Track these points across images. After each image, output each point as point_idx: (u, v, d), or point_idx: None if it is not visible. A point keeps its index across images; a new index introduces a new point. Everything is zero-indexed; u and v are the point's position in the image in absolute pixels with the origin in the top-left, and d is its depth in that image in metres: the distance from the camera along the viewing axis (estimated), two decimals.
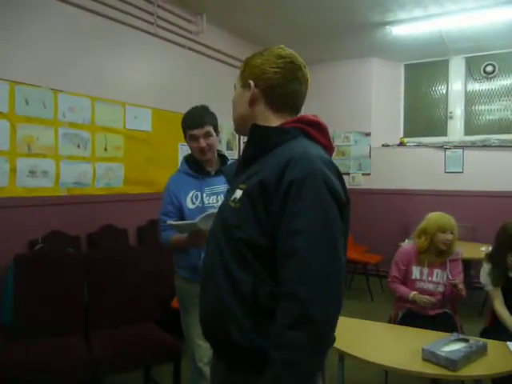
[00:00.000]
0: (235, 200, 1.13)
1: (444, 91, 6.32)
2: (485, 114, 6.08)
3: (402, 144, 6.37)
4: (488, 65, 5.93)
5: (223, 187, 2.15)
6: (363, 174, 6.56)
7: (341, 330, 1.04)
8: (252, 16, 4.88)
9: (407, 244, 3.06)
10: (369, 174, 6.52)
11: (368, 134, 6.50)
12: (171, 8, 4.52)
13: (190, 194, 2.21)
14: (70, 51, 3.60)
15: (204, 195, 2.20)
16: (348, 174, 6.64)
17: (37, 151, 3.36)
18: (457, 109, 6.20)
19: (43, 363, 2.36)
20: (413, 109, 6.59)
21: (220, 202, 2.10)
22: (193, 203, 2.20)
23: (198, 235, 2.00)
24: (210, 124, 2.19)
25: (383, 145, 6.45)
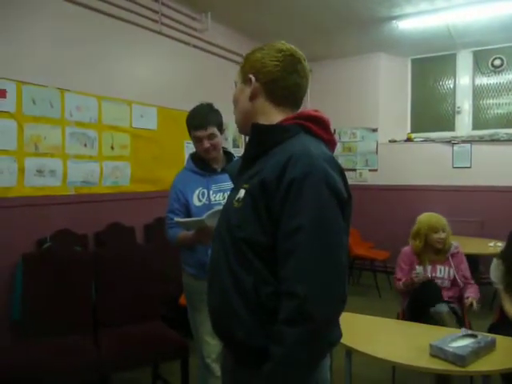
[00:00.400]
0: (239, 200, 1.13)
1: (451, 85, 6.27)
2: (493, 108, 6.02)
3: (410, 139, 6.33)
4: (496, 58, 5.88)
5: (230, 184, 2.13)
6: (370, 170, 6.53)
7: (348, 326, 1.03)
8: (257, 13, 4.87)
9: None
10: (376, 170, 6.49)
11: (375, 130, 6.47)
12: (176, 6, 4.52)
13: (197, 192, 2.22)
14: (76, 51, 3.61)
15: (211, 192, 2.21)
16: (355, 170, 6.62)
17: (44, 151, 3.38)
18: (464, 103, 6.15)
19: (52, 361, 2.38)
20: (420, 104, 6.54)
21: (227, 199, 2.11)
22: (199, 200, 2.21)
23: (205, 232, 2.01)
24: (214, 124, 2.18)
25: (390, 140, 6.41)
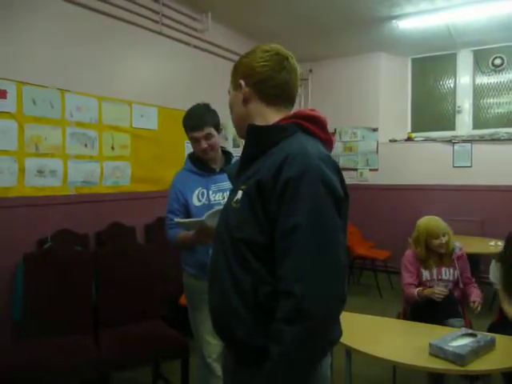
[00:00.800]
0: (237, 201, 1.14)
1: (452, 85, 6.27)
2: (493, 108, 6.02)
3: (410, 139, 6.33)
4: (496, 58, 5.87)
5: (229, 184, 2.14)
6: (371, 170, 6.53)
7: (348, 326, 1.03)
8: (257, 13, 4.87)
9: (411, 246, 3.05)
10: (376, 170, 6.49)
11: (375, 130, 6.47)
12: (176, 6, 4.53)
13: (196, 192, 2.22)
14: (77, 51, 3.62)
15: (210, 192, 2.21)
16: (355, 170, 6.62)
17: (45, 151, 3.39)
18: (465, 102, 6.15)
19: (52, 361, 2.38)
20: (420, 103, 6.54)
21: (226, 199, 2.12)
22: (199, 200, 2.21)
23: (205, 232, 2.00)
24: (211, 125, 2.17)
25: (391, 140, 6.41)
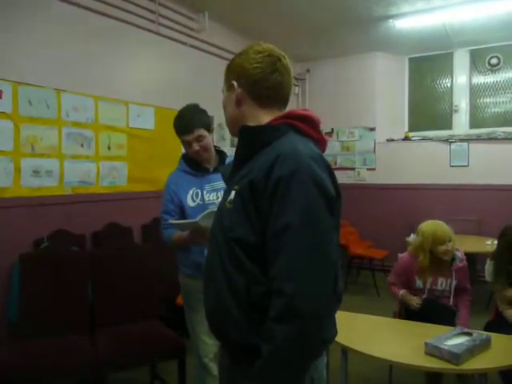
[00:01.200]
0: (230, 201, 1.14)
1: (449, 84, 6.28)
2: (490, 107, 6.03)
3: (407, 138, 6.34)
4: (493, 57, 5.89)
5: (223, 183, 2.15)
6: (368, 169, 6.54)
7: (344, 325, 1.03)
8: (254, 13, 4.87)
9: (410, 243, 3.00)
10: (374, 169, 6.50)
11: (372, 129, 6.47)
12: (173, 6, 4.52)
13: (191, 192, 2.22)
14: (73, 51, 3.61)
15: (204, 192, 2.21)
16: (353, 169, 6.63)
17: (41, 151, 3.38)
18: (462, 102, 6.16)
19: (48, 361, 2.38)
20: (417, 103, 6.55)
21: (220, 199, 2.12)
22: (193, 201, 2.21)
23: (200, 233, 2.01)
24: (201, 126, 2.15)
25: (388, 139, 6.42)
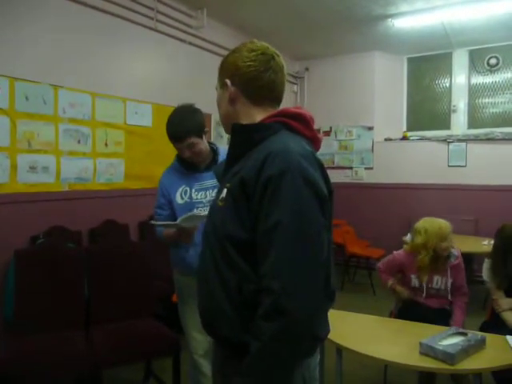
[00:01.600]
0: (222, 199, 1.15)
1: (447, 84, 6.28)
2: (488, 107, 6.03)
3: (405, 138, 6.34)
4: (492, 57, 5.89)
5: (212, 182, 2.18)
6: (366, 169, 6.53)
7: (339, 324, 1.03)
8: (253, 10, 4.85)
9: (407, 242, 3.01)
10: (371, 169, 6.49)
11: (371, 128, 6.47)
12: (171, 3, 4.50)
13: (180, 190, 2.23)
14: (70, 47, 3.60)
15: (193, 191, 2.22)
16: (351, 168, 6.62)
17: (37, 147, 3.37)
18: (460, 102, 6.16)
19: (44, 358, 2.37)
20: (416, 102, 6.55)
21: (209, 198, 2.16)
22: (182, 198, 2.22)
23: (184, 233, 2.07)
24: (191, 133, 2.10)
25: (386, 139, 6.42)
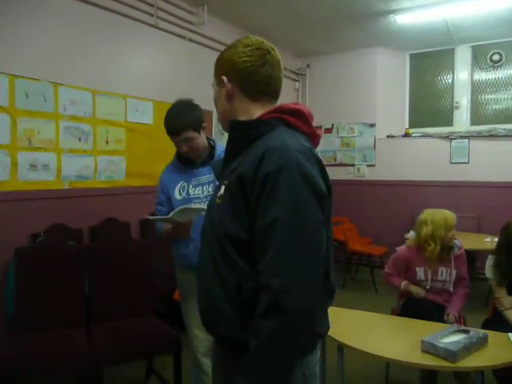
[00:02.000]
0: (220, 196, 1.14)
1: (450, 81, 6.24)
2: (491, 104, 6.00)
3: (407, 135, 6.31)
4: (495, 53, 5.85)
5: (208, 177, 2.19)
6: (368, 166, 6.51)
7: (341, 322, 1.01)
8: (254, 7, 4.83)
9: (408, 239, 2.99)
10: (373, 166, 6.47)
11: (373, 125, 6.44)
12: None
13: (179, 186, 2.24)
14: (70, 44, 3.58)
15: (190, 186, 2.22)
16: (353, 166, 6.60)
17: (38, 145, 3.37)
18: (463, 98, 6.13)
19: (45, 355, 2.37)
20: (418, 99, 6.51)
21: (205, 193, 2.16)
22: (180, 194, 2.23)
23: (181, 227, 2.08)
24: (188, 127, 2.10)
25: (388, 136, 6.39)
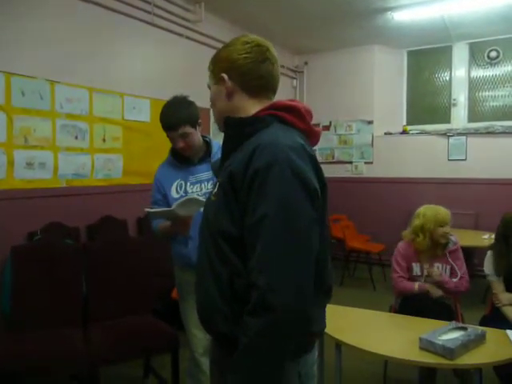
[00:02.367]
0: (215, 194, 1.15)
1: (447, 78, 6.24)
2: (489, 101, 6.00)
3: (405, 132, 6.31)
4: (492, 50, 5.85)
5: (207, 174, 2.17)
6: (366, 163, 6.51)
7: (338, 319, 1.01)
8: (251, 4, 4.81)
9: (404, 238, 3.01)
10: (371, 163, 6.47)
11: (370, 122, 6.44)
12: None
13: (175, 184, 2.21)
14: (67, 42, 3.56)
15: (188, 184, 2.20)
16: (351, 163, 6.60)
17: (34, 143, 3.35)
18: (460, 95, 6.12)
19: (41, 354, 2.36)
20: (416, 96, 6.52)
21: (204, 190, 2.14)
22: (177, 192, 2.20)
23: (180, 222, 2.04)
24: (186, 123, 2.09)
25: (386, 133, 6.39)
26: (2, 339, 2.59)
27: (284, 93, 6.41)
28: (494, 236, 2.95)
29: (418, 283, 2.79)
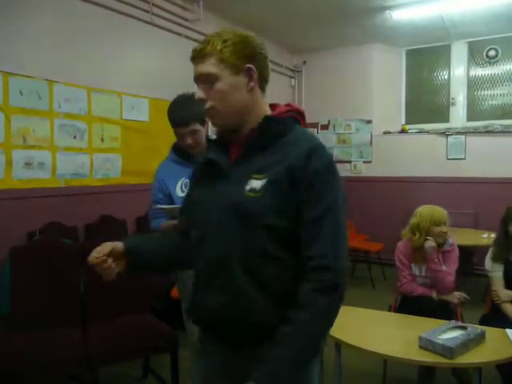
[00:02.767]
0: (255, 190, 1.14)
1: (446, 77, 6.24)
2: (488, 100, 6.00)
3: (404, 131, 6.31)
4: (491, 49, 5.85)
5: None
6: (364, 162, 6.51)
7: (338, 318, 1.01)
8: (250, 3, 4.80)
9: (403, 236, 3.01)
10: (370, 162, 6.47)
11: (369, 122, 6.44)
12: None
13: (180, 182, 2.20)
14: (65, 41, 3.56)
15: None
16: (349, 162, 6.60)
17: (32, 143, 3.34)
18: (459, 94, 6.12)
19: (40, 354, 2.36)
20: (414, 95, 6.51)
21: None
22: (182, 191, 2.19)
23: None
24: (196, 120, 2.10)
25: (385, 132, 6.39)
26: (2, 339, 2.59)
27: (282, 92, 6.40)
28: (498, 229, 2.97)
29: (423, 289, 2.79)
